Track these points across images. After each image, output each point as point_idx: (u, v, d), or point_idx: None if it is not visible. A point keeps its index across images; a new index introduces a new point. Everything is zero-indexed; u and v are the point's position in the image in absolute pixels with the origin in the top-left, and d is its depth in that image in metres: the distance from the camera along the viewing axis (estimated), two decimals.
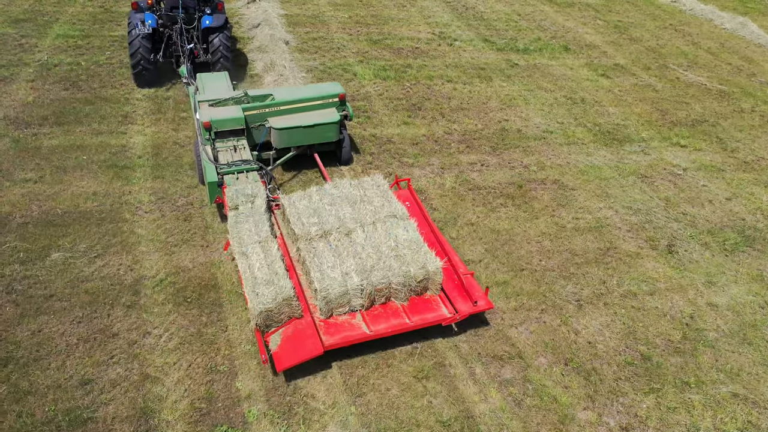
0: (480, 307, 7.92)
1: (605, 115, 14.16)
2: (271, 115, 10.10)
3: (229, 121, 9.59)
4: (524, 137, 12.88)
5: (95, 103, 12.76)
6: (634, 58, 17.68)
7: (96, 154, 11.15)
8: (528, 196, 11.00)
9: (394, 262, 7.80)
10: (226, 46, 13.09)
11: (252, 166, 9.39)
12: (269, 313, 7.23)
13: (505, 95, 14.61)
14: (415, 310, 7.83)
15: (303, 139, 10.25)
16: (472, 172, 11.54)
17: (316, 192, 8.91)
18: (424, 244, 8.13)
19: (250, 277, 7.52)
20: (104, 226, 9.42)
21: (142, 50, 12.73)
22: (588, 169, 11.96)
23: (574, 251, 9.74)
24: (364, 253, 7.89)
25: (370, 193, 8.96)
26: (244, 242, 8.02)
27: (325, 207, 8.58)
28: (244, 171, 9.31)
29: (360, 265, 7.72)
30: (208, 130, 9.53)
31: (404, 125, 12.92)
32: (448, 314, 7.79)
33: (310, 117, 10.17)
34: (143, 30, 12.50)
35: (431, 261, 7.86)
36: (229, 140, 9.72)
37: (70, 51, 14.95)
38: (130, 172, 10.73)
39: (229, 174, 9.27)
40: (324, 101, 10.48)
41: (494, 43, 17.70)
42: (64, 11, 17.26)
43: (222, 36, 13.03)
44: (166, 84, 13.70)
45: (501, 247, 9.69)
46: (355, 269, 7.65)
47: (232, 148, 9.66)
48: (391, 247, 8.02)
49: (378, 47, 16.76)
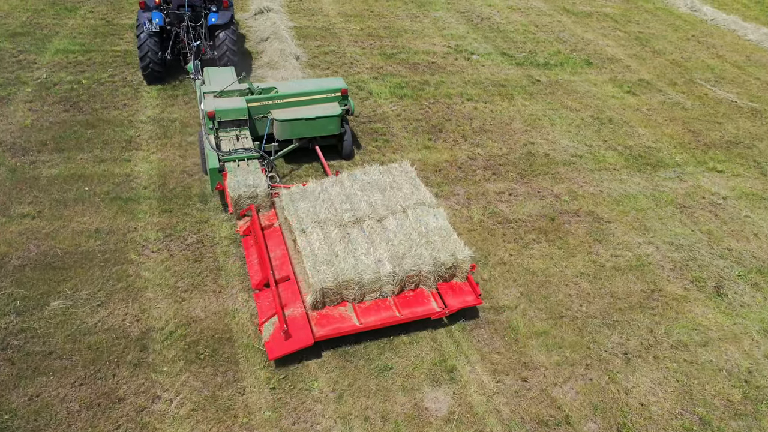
0: (468, 302, 8.09)
1: (635, 136, 13.42)
2: (274, 107, 10.26)
3: (232, 111, 9.77)
4: (552, 162, 12.14)
5: (97, 126, 12.01)
6: (658, 72, 16.94)
7: (98, 184, 10.40)
8: (562, 230, 10.26)
9: (424, 250, 8.02)
10: (232, 40, 13.30)
11: (253, 154, 9.54)
12: (327, 291, 7.56)
13: (528, 115, 13.87)
14: (406, 304, 7.98)
15: (305, 131, 10.40)
16: (500, 203, 10.80)
17: (347, 177, 9.20)
18: (453, 232, 8.35)
19: (311, 255, 7.82)
20: (108, 269, 8.68)
21: (151, 47, 12.93)
22: (623, 198, 11.22)
23: (616, 294, 9.00)
24: (396, 240, 8.11)
25: (399, 180, 9.24)
26: (303, 221, 8.31)
27: (357, 193, 8.86)
28: (245, 159, 9.43)
29: (392, 252, 7.96)
30: (212, 119, 9.69)
31: (425, 150, 12.19)
32: (438, 309, 7.96)
33: (312, 110, 10.34)
34: (151, 28, 12.74)
35: (460, 249, 8.09)
36: (232, 130, 9.90)
37: (70, 68, 14.20)
38: (136, 206, 10.00)
39: (230, 161, 9.36)
40: (326, 95, 10.65)
41: (513, 57, 16.96)
42: (64, 24, 16.52)
43: (228, 32, 13.26)
44: (173, 82, 13.85)
45: (537, 290, 8.95)
46: (387, 257, 7.89)
47: (234, 138, 9.81)
48: (422, 234, 8.24)
49: (392, 62, 16.02)
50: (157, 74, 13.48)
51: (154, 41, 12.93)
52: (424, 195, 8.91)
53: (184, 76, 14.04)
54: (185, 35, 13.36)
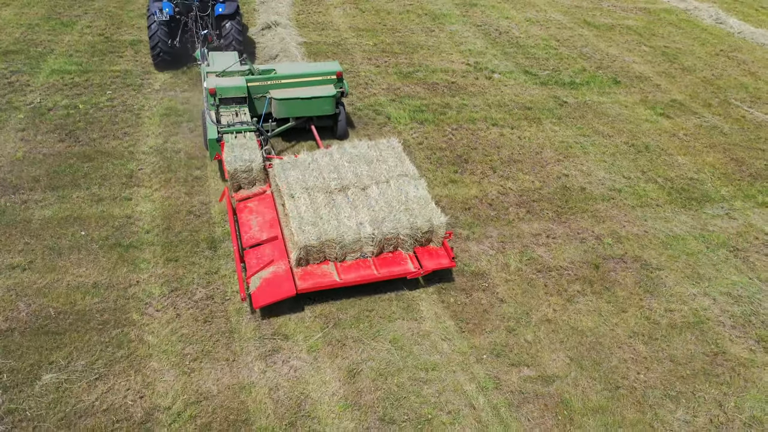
0: (443, 264, 8.63)
1: (675, 166, 12.46)
2: (272, 87, 10.78)
3: (232, 89, 10.36)
4: (590, 197, 11.18)
5: (95, 159, 11.04)
6: (691, 92, 15.99)
7: (96, 228, 9.43)
8: (608, 279, 9.30)
9: (403, 216, 8.63)
10: (237, 30, 13.99)
11: (249, 127, 10.08)
12: (310, 248, 8.21)
13: (559, 142, 12.91)
14: (384, 264, 8.56)
15: (301, 110, 10.92)
16: (537, 247, 9.84)
17: (336, 150, 9.81)
18: (431, 201, 8.97)
19: (297, 216, 8.48)
20: (107, 333, 7.71)
21: (161, 36, 13.67)
22: (670, 240, 10.26)
23: (676, 359, 8.04)
24: (377, 206, 8.76)
25: (386, 154, 9.83)
26: (293, 188, 8.93)
27: (344, 164, 9.48)
28: (242, 131, 10.01)
29: (373, 216, 8.59)
30: (213, 96, 10.31)
31: (452, 184, 11.22)
32: (413, 269, 8.52)
33: (308, 91, 10.85)
34: (161, 17, 13.56)
35: (436, 216, 8.69)
36: (232, 107, 10.47)
37: (66, 90, 13.22)
38: (137, 253, 9.02)
39: (228, 133, 9.96)
40: (323, 77, 11.15)
41: (536, 76, 16.00)
42: (60, 40, 15.53)
43: (234, 22, 13.96)
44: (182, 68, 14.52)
45: (588, 354, 7.99)
46: (368, 220, 8.53)
47: (234, 113, 10.37)
48: (402, 202, 8.84)
49: (410, 82, 15.06)
50: (167, 61, 14.17)
51: (163, 30, 13.68)
52: (408, 168, 9.50)
53: (191, 63, 14.60)
54: (193, 24, 14.11)
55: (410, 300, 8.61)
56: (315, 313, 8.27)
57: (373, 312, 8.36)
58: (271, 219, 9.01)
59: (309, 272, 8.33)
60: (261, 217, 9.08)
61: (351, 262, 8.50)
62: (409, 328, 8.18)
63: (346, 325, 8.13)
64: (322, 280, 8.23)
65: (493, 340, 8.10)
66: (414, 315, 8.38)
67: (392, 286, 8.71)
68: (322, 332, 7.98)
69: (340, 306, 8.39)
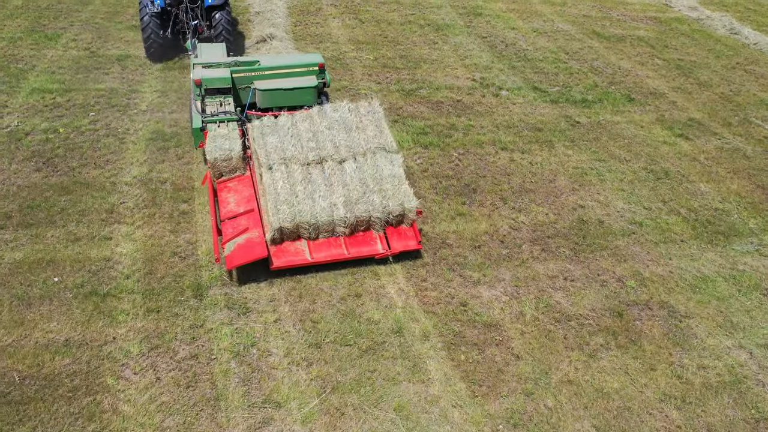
0: (410, 246, 9.11)
1: (698, 195, 11.63)
2: (256, 78, 10.86)
3: (217, 80, 10.49)
4: (609, 232, 10.35)
5: (73, 191, 10.19)
6: (709, 110, 15.16)
7: (71, 273, 8.58)
8: (633, 330, 8.46)
9: (376, 197, 8.91)
10: (227, 20, 14.31)
11: (232, 117, 10.17)
12: (284, 229, 8.56)
13: (573, 168, 12.07)
14: (354, 244, 8.99)
15: (283, 100, 10.89)
16: (555, 292, 9.01)
17: (317, 113, 9.80)
18: (405, 181, 9.23)
19: (273, 193, 8.72)
20: (77, 403, 6.86)
21: (153, 27, 14.07)
22: (699, 282, 9.43)
23: (714, 428, 7.21)
24: (352, 185, 8.95)
25: (366, 121, 9.82)
26: (271, 157, 9.06)
27: (324, 131, 9.49)
28: (225, 121, 10.12)
29: (347, 197, 8.84)
30: (199, 86, 10.45)
31: (459, 217, 10.39)
32: (381, 250, 8.98)
33: (291, 82, 10.88)
34: (153, 9, 13.95)
35: (408, 199, 9.03)
36: (217, 97, 10.59)
37: (46, 112, 12.37)
38: (115, 303, 8.18)
39: (212, 122, 10.05)
40: (305, 69, 11.17)
41: (546, 93, 15.16)
42: (43, 56, 14.68)
43: (224, 12, 14.29)
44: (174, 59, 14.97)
45: (615, 422, 7.16)
46: (342, 201, 8.77)
47: (218, 103, 10.50)
48: (376, 180, 9.06)
49: (413, 100, 14.22)
50: (160, 52, 14.63)
51: (155, 21, 14.09)
52: (387, 139, 9.56)
53: (183, 55, 15.02)
54: (184, 16, 14.46)
55: (416, 358, 7.78)
56: (311, 375, 7.43)
57: (375, 373, 7.53)
58: (248, 195, 9.32)
59: (282, 249, 8.71)
60: (239, 195, 9.37)
61: (323, 240, 8.92)
62: (415, 392, 7.34)
63: (346, 389, 7.29)
64: (294, 259, 8.67)
65: (510, 406, 7.27)
66: (421, 376, 7.54)
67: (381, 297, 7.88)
68: (318, 398, 7.14)
69: (339, 366, 7.56)
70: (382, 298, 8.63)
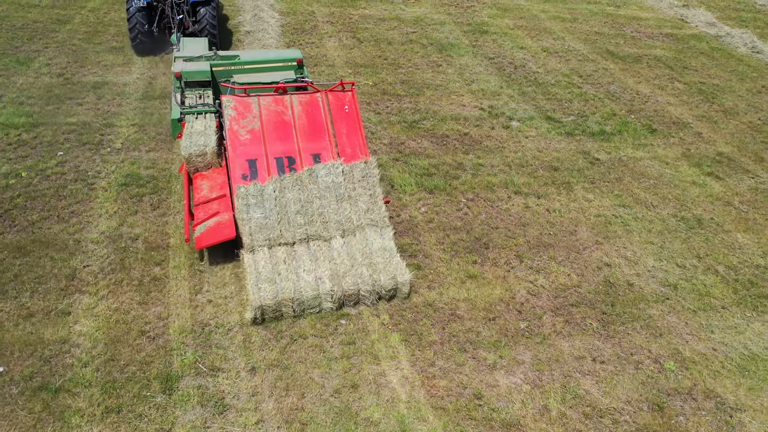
0: None
1: (736, 248, 10.40)
2: (235, 72, 11.02)
3: (197, 73, 10.73)
4: (640, 298, 9.12)
5: (31, 252, 8.94)
6: (738, 142, 13.94)
7: (20, 361, 7.34)
8: (677, 428, 7.23)
9: (365, 270, 8.42)
10: (212, 15, 14.61)
11: (209, 109, 10.30)
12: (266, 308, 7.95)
13: (595, 216, 10.84)
14: None
15: None
16: (583, 377, 7.77)
17: (308, 176, 9.01)
18: (396, 254, 8.69)
19: (254, 272, 8.21)
20: None
21: (139, 20, 14.48)
22: (747, 363, 8.20)
23: None
24: (339, 259, 8.51)
25: (360, 189, 9.13)
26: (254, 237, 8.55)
27: (314, 200, 8.91)
28: (203, 113, 10.25)
29: (333, 270, 8.35)
30: (179, 79, 10.62)
31: (470, 280, 9.15)
32: None
33: (269, 76, 10.96)
34: (139, 3, 14.35)
35: (401, 272, 8.44)
36: (197, 90, 10.79)
37: (9, 152, 11.13)
38: (69, 401, 6.94)
39: (189, 114, 10.19)
40: (284, 64, 11.32)
41: (560, 123, 13.94)
42: (12, 83, 13.43)
43: (209, 8, 14.56)
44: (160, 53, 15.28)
45: None
46: (328, 275, 8.26)
47: (198, 96, 10.67)
48: (366, 254, 8.61)
49: (416, 133, 12.99)
50: (145, 45, 14.99)
51: (142, 15, 14.53)
52: (378, 214, 9.04)
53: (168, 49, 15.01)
54: (170, 11, 14.87)
55: None
56: None
57: None
58: (222, 182, 9.34)
59: None
60: (213, 182, 9.38)
61: None
62: None
63: None
64: None
65: None
66: None
67: None
68: None
69: None
70: (382, 390, 7.40)
